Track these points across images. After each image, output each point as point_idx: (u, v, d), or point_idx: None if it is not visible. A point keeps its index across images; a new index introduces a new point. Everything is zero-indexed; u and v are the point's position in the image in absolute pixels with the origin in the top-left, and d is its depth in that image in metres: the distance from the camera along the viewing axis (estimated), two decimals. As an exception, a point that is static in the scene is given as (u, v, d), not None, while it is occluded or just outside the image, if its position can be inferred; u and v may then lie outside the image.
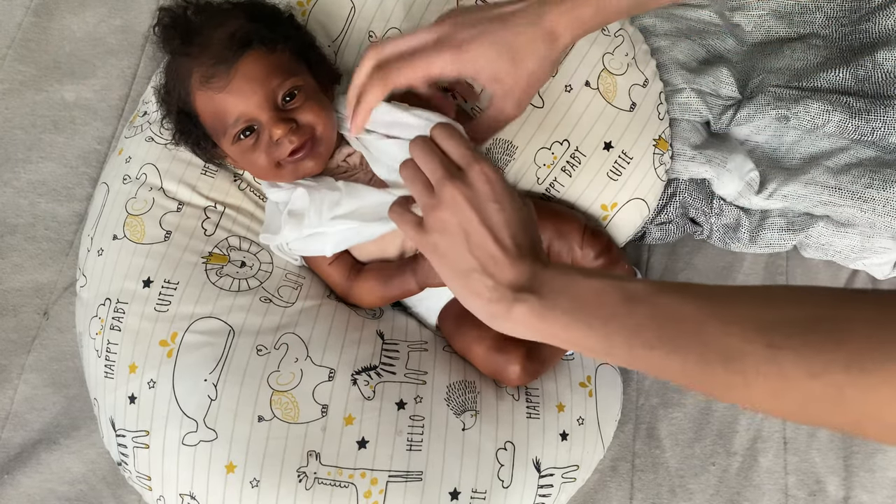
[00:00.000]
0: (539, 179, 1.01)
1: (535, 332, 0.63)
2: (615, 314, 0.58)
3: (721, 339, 0.51)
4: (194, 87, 0.85)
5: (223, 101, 0.84)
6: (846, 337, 0.46)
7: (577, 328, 0.60)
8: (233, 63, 0.83)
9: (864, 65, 1.06)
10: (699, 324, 0.53)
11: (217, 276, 0.89)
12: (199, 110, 0.87)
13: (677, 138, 1.04)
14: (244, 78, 0.84)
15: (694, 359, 0.53)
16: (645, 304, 0.57)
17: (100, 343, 0.89)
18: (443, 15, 0.80)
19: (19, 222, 1.14)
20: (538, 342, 0.89)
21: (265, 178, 0.92)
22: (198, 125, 0.89)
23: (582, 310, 0.60)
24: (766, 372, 0.49)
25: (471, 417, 0.87)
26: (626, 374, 1.02)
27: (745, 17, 1.15)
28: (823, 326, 0.48)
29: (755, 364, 0.49)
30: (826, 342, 0.47)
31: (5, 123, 1.20)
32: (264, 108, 0.84)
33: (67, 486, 0.98)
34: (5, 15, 1.28)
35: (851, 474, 0.96)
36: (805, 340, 0.48)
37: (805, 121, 1.04)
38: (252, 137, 0.86)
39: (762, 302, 0.52)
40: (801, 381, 0.47)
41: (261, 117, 0.84)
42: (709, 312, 0.53)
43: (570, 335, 0.61)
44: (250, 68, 0.84)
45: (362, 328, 0.91)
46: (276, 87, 0.85)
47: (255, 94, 0.84)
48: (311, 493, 0.80)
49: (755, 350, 0.49)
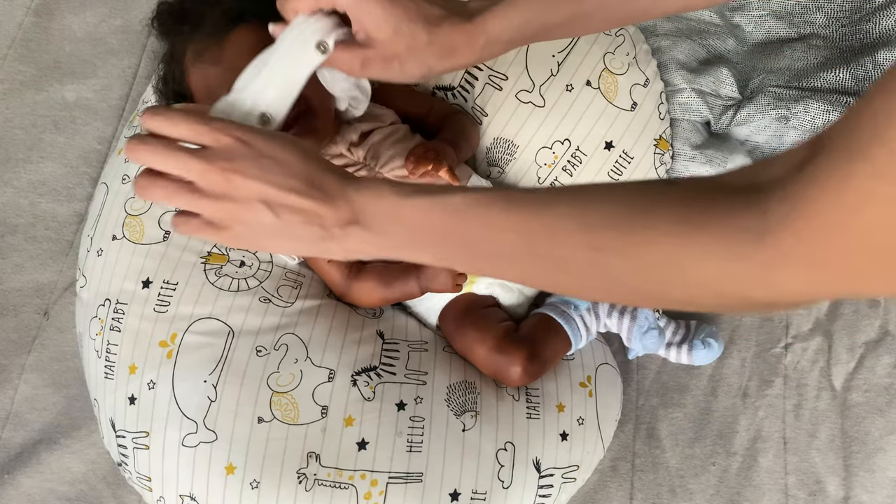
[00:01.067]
0: (540, 179, 1.01)
1: (378, 255, 0.62)
2: (446, 234, 0.59)
3: (550, 248, 0.55)
4: (188, 64, 0.85)
5: (217, 77, 0.83)
6: (656, 226, 0.51)
7: (412, 250, 0.61)
8: (224, 36, 0.83)
9: (864, 65, 1.06)
10: (529, 233, 0.55)
11: (216, 276, 0.89)
12: (194, 88, 0.86)
13: (678, 138, 1.04)
14: (237, 51, 0.82)
15: (527, 265, 0.57)
16: (473, 219, 0.57)
17: (100, 344, 0.89)
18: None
19: (20, 222, 1.14)
20: (539, 343, 0.90)
21: None
22: None
23: (412, 234, 0.60)
24: (592, 273, 0.54)
25: (471, 418, 0.87)
26: (627, 375, 1.02)
27: (745, 18, 1.15)
28: (638, 222, 0.52)
29: (581, 267, 0.54)
30: (641, 236, 0.51)
31: (6, 123, 1.20)
32: None
33: (68, 486, 0.98)
34: (6, 15, 1.28)
35: (851, 474, 0.96)
36: (624, 238, 0.52)
37: (805, 121, 1.04)
38: None
39: (582, 204, 0.55)
40: (626, 275, 0.53)
41: None
42: (535, 220, 0.55)
43: (409, 255, 0.61)
44: (243, 41, 0.83)
45: (362, 328, 0.91)
46: None
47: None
48: (311, 495, 0.80)
49: (582, 254, 0.53)
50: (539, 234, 0.55)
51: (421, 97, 1.01)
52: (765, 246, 0.45)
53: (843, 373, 1.01)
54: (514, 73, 0.99)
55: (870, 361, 1.01)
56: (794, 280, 0.46)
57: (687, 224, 0.49)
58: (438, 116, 0.99)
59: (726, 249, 0.48)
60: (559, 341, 0.93)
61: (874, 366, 1.01)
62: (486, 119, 1.00)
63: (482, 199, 0.58)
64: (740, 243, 0.47)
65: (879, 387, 1.00)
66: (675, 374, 1.02)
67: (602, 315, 0.96)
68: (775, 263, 0.46)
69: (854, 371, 1.01)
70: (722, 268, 0.49)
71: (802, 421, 0.99)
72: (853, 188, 0.40)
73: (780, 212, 0.45)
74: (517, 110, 0.99)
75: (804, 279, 0.46)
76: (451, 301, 0.94)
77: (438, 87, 1.02)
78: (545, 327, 0.93)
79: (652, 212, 0.52)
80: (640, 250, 0.51)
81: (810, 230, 0.43)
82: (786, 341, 1.03)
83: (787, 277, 0.46)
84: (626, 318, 0.95)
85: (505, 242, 0.57)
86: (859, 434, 0.98)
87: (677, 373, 1.02)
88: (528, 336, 0.91)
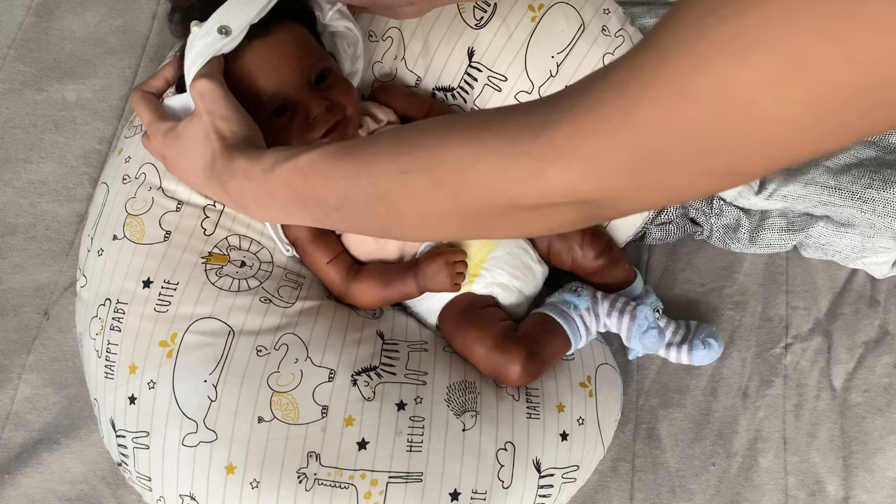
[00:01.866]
0: (539, 180, 1.01)
1: (274, 223, 0.73)
2: (302, 195, 0.65)
3: (371, 184, 0.59)
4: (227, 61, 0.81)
5: (257, 77, 0.82)
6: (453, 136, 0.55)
7: (291, 216, 0.70)
8: (268, 36, 0.81)
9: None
10: (355, 176, 0.60)
11: (217, 276, 0.89)
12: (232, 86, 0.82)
13: (677, 138, 1.04)
14: (278, 54, 0.82)
15: (361, 210, 0.62)
16: (315, 175, 0.63)
17: (100, 343, 0.89)
18: None
19: (20, 222, 1.14)
20: (538, 342, 0.90)
21: None
22: None
23: (284, 203, 0.68)
24: (405, 199, 0.58)
25: (471, 418, 0.87)
26: (627, 375, 1.02)
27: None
28: (441, 138, 0.55)
29: (396, 196, 0.58)
30: (440, 149, 0.55)
31: (6, 123, 1.20)
32: (302, 85, 0.83)
33: (68, 486, 0.98)
34: (6, 15, 1.28)
35: (851, 474, 0.96)
36: (426, 154, 0.56)
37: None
38: (286, 117, 0.84)
39: (397, 137, 0.59)
40: (428, 190, 0.56)
41: (297, 95, 0.83)
42: (358, 163, 0.60)
43: (293, 220, 0.73)
44: (287, 43, 0.83)
45: (362, 328, 0.91)
46: (311, 66, 0.84)
47: (292, 72, 0.82)
48: (311, 494, 0.81)
49: (394, 180, 0.57)
50: (362, 174, 0.59)
51: (420, 98, 1.01)
52: (541, 140, 0.47)
53: (843, 373, 1.01)
54: (514, 74, 0.99)
55: (870, 361, 1.01)
56: (566, 176, 0.47)
57: (478, 128, 0.52)
58: None
59: (509, 145, 0.49)
60: (558, 341, 0.93)
61: (874, 365, 1.01)
62: (486, 119, 1.01)
63: (321, 153, 0.63)
64: (521, 139, 0.48)
65: (879, 387, 1.00)
66: (675, 375, 1.02)
67: (602, 315, 0.96)
68: (550, 157, 0.47)
69: (854, 371, 1.01)
70: (501, 164, 0.50)
71: (802, 421, 0.99)
72: (636, 79, 0.41)
73: (563, 109, 0.46)
74: (517, 110, 0.99)
75: (576, 175, 0.47)
76: (450, 301, 0.94)
77: (438, 87, 1.02)
78: (544, 327, 0.93)
79: (453, 126, 0.55)
80: (438, 161, 0.54)
81: (586, 122, 0.44)
82: (786, 341, 1.03)
83: (559, 172, 0.47)
84: (625, 317, 0.95)
85: (340, 190, 0.61)
86: (859, 434, 0.98)
87: (677, 373, 1.02)
88: (528, 335, 0.91)
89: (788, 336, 1.04)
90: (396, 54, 1.01)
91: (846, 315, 1.04)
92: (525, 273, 0.96)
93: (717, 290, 1.07)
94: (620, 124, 0.43)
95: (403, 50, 1.01)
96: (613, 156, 0.45)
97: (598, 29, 1.00)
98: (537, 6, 0.99)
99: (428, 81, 1.02)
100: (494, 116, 0.53)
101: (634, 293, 1.00)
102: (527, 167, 0.49)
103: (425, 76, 1.02)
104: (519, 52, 0.98)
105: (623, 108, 0.42)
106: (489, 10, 0.99)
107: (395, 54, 1.02)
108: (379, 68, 1.03)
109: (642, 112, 0.41)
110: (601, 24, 1.01)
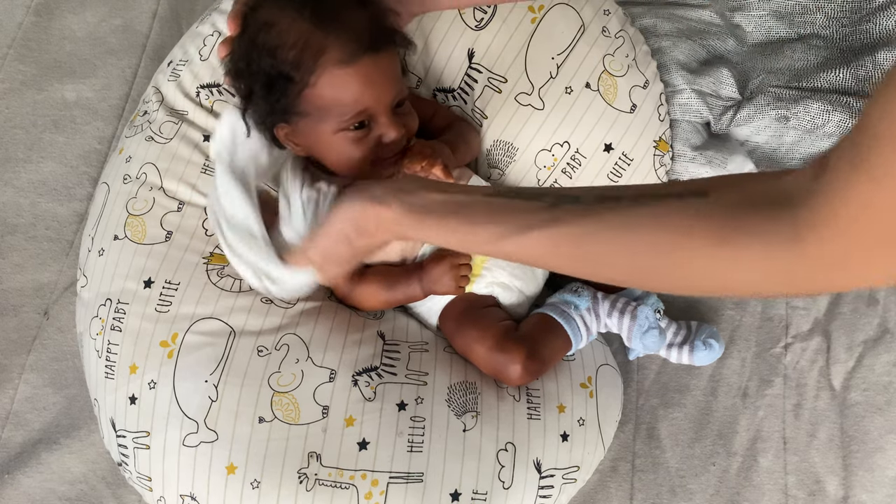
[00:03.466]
0: (539, 181, 1.01)
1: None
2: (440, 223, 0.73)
3: (596, 269, 0.68)
4: (325, 63, 0.81)
5: (354, 89, 0.82)
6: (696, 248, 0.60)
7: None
8: (374, 54, 0.82)
9: (864, 65, 1.06)
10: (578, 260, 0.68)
11: (218, 276, 0.89)
12: (319, 87, 0.82)
13: (678, 139, 1.04)
14: (381, 73, 0.83)
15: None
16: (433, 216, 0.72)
17: (100, 343, 0.89)
18: None
19: (20, 222, 1.14)
20: (539, 342, 0.90)
21: (345, 170, 0.88)
22: (289, 97, 0.83)
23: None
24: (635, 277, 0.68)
25: (472, 418, 0.87)
26: (627, 375, 1.02)
27: (745, 18, 1.15)
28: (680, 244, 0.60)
29: (626, 273, 0.66)
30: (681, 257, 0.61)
31: (6, 123, 1.20)
32: (388, 107, 0.84)
33: (68, 486, 0.98)
34: (6, 15, 1.28)
35: (851, 474, 0.96)
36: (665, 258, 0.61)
37: (805, 121, 1.04)
38: (363, 132, 0.85)
39: (628, 227, 0.63)
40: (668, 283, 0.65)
41: (382, 116, 0.84)
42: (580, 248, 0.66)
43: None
44: (388, 64, 0.84)
45: (363, 329, 0.91)
46: (399, 92, 0.86)
47: (386, 93, 0.84)
48: (312, 495, 0.81)
49: (627, 269, 0.65)
50: (587, 260, 0.66)
51: (425, 103, 1.01)
52: (797, 251, 0.52)
53: (843, 372, 1.01)
54: (514, 76, 0.99)
55: (869, 360, 1.01)
56: (821, 278, 0.53)
57: (727, 245, 0.56)
58: (441, 122, 0.99)
59: (764, 261, 0.54)
60: (559, 340, 0.93)
61: (873, 364, 1.01)
62: (485, 121, 1.01)
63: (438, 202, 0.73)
64: (776, 252, 0.53)
65: (879, 385, 1.00)
66: (676, 375, 1.02)
67: (602, 315, 0.96)
68: (808, 265, 0.52)
69: (853, 370, 1.01)
70: (761, 275, 0.56)
71: (802, 421, 0.99)
72: (855, 195, 0.46)
73: (806, 220, 0.51)
74: (516, 113, 0.99)
75: (831, 276, 0.53)
76: (451, 301, 0.94)
77: (438, 88, 1.02)
78: (545, 326, 0.93)
79: (691, 234, 0.58)
80: (682, 269, 0.60)
81: (831, 234, 0.50)
82: (785, 341, 1.04)
83: (815, 276, 0.53)
84: (626, 317, 0.95)
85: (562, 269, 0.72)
86: (859, 433, 0.98)
87: (677, 373, 1.02)
88: (528, 335, 0.91)
89: (788, 336, 1.04)
90: (396, 55, 1.02)
91: (845, 314, 1.04)
92: (526, 273, 0.96)
93: (717, 290, 1.07)
94: (858, 232, 0.48)
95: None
96: (859, 256, 0.50)
97: (599, 30, 1.00)
98: (537, 7, 0.99)
99: (428, 83, 1.02)
100: (732, 227, 0.57)
101: (635, 293, 1.00)
102: (787, 274, 0.54)
103: (426, 77, 1.02)
104: (519, 53, 0.98)
105: (854, 218, 0.48)
106: (489, 11, 0.99)
107: (395, 55, 1.02)
108: (379, 69, 1.03)
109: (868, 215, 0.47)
110: (601, 25, 1.01)
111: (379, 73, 0.83)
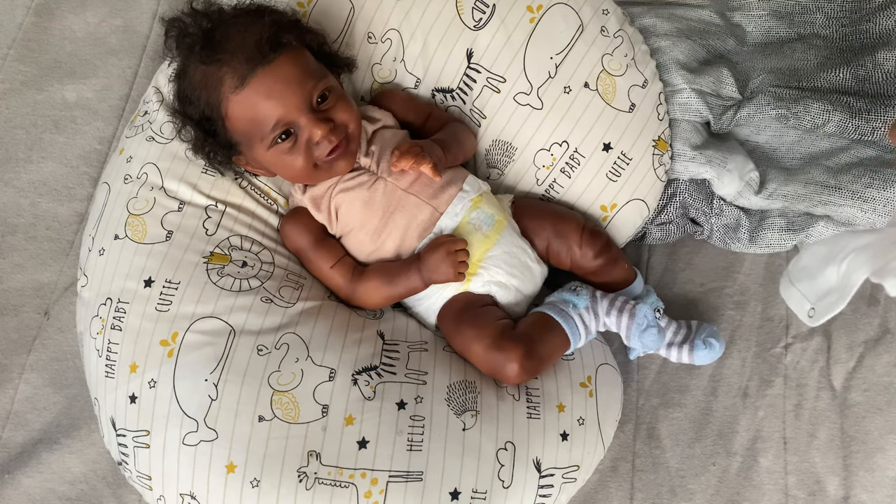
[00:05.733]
0: (538, 181, 1.01)
1: None
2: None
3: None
4: (226, 93, 0.85)
5: (260, 106, 0.84)
6: None
7: None
8: (266, 66, 0.83)
9: (864, 65, 1.07)
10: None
11: (218, 276, 0.89)
12: (232, 117, 0.86)
13: (677, 139, 1.04)
14: (280, 81, 0.84)
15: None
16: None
17: (100, 343, 0.89)
18: None
19: (20, 222, 1.14)
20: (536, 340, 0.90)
21: (300, 180, 0.93)
22: (221, 134, 0.88)
23: None
24: None
25: (471, 417, 0.87)
26: (627, 375, 1.02)
27: (745, 18, 1.15)
28: None
29: None
30: None
31: (6, 123, 1.20)
32: (302, 109, 0.85)
33: (68, 486, 0.98)
34: (6, 15, 1.28)
35: (851, 474, 0.96)
36: None
37: (805, 120, 1.04)
38: (290, 141, 0.86)
39: None
40: None
41: (300, 119, 0.85)
42: None
43: None
44: (285, 71, 0.85)
45: (363, 328, 0.91)
46: (311, 89, 0.86)
47: (293, 97, 0.84)
48: (312, 494, 0.81)
49: None
50: None
51: (421, 104, 1.01)
52: None
53: (843, 372, 1.01)
54: (512, 76, 0.99)
55: (869, 360, 1.01)
56: None
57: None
58: (437, 124, 0.99)
59: None
60: (557, 339, 0.93)
61: (874, 364, 1.01)
62: (484, 121, 1.01)
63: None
64: None
65: (879, 386, 1.00)
66: (676, 374, 1.02)
67: (601, 313, 0.96)
68: None
69: (854, 370, 1.01)
70: None
71: (802, 421, 0.99)
72: None
73: None
74: (515, 112, 0.99)
75: None
76: (449, 300, 0.94)
77: (437, 88, 1.02)
78: (543, 325, 0.93)
79: None
80: None
81: None
82: (786, 341, 1.03)
83: None
84: (624, 315, 0.95)
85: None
86: (859, 433, 0.98)
87: (677, 373, 1.02)
88: (525, 333, 0.91)
89: (788, 336, 1.04)
90: (395, 56, 1.02)
91: (846, 314, 1.04)
92: (523, 272, 0.96)
93: (718, 289, 1.07)
94: None
95: (402, 52, 1.01)
96: None
97: (597, 29, 1.01)
98: (536, 7, 0.99)
99: (427, 83, 1.02)
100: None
101: (634, 293, 1.00)
102: None
103: (424, 78, 1.02)
104: (518, 53, 0.99)
105: None
106: (488, 10, 0.99)
107: (394, 56, 1.02)
108: (378, 70, 1.03)
109: None
110: (600, 24, 1.01)
111: (279, 81, 0.84)
